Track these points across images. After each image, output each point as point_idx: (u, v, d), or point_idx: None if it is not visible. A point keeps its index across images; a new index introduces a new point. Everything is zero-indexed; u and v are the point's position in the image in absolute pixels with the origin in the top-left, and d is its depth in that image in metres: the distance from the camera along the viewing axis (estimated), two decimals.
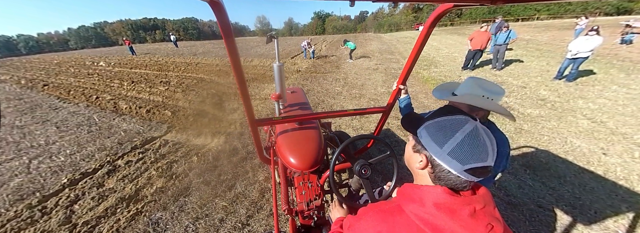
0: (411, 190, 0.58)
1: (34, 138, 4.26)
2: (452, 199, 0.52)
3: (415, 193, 0.57)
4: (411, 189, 0.58)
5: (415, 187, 0.58)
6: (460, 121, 0.55)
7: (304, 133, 1.63)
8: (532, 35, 13.71)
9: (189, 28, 75.75)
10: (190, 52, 17.19)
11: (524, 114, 4.06)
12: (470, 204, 0.52)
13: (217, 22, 0.73)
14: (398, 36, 23.28)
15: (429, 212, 0.52)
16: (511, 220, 2.04)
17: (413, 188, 0.58)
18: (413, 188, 0.58)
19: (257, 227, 2.11)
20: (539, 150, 3.00)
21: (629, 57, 7.15)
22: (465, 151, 0.52)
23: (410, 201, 0.56)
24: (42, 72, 11.95)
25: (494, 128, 1.24)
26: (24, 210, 2.46)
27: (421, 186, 0.57)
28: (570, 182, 2.44)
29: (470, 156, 0.52)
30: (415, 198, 0.55)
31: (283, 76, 1.84)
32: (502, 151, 1.25)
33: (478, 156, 0.52)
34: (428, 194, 0.54)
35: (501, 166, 1.31)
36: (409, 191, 0.59)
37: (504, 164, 1.31)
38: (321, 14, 74.53)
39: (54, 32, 79.30)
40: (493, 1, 0.65)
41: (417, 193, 0.56)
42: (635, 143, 3.01)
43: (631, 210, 2.07)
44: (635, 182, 2.39)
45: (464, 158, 0.52)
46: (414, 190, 0.58)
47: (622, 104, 4.14)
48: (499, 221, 0.53)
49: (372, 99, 5.25)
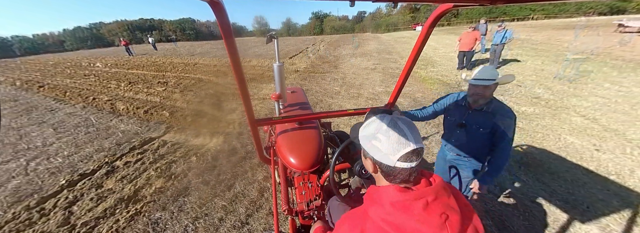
0: (373, 192, 0.62)
1: (30, 139, 4.24)
2: (404, 196, 0.55)
3: (375, 194, 0.61)
4: (373, 191, 0.63)
5: (374, 189, 0.63)
6: (381, 118, 0.62)
7: (304, 133, 1.63)
8: (528, 34, 13.86)
9: (186, 28, 75.33)
10: (186, 53, 17.12)
11: (519, 112, 4.11)
12: (422, 197, 0.55)
13: (217, 22, 0.73)
14: (396, 36, 23.38)
15: (388, 212, 0.55)
16: (505, 215, 2.08)
17: (373, 190, 0.62)
18: (373, 190, 0.62)
19: (256, 225, 2.13)
20: (533, 147, 3.05)
21: (622, 56, 7.27)
22: (391, 143, 0.57)
23: (372, 204, 0.59)
24: (38, 74, 11.84)
25: (497, 103, 1.44)
26: (22, 211, 2.45)
27: (379, 188, 0.61)
28: (564, 178, 2.49)
29: (396, 145, 0.57)
30: (376, 200, 0.59)
31: (283, 76, 1.84)
32: (507, 122, 1.38)
33: (402, 144, 0.57)
34: (384, 194, 0.58)
35: (506, 139, 1.40)
36: (371, 193, 0.63)
37: (508, 138, 1.40)
38: (319, 14, 74.50)
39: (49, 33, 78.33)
40: (493, 1, 0.66)
41: (376, 194, 0.60)
42: (626, 139, 3.07)
43: (622, 204, 2.12)
44: (626, 177, 2.44)
45: (392, 149, 0.57)
46: (374, 191, 0.62)
47: (615, 101, 4.22)
48: (454, 210, 0.56)
49: (370, 98, 5.28)
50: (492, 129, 1.41)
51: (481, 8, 9.95)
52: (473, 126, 1.47)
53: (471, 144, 1.53)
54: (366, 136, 0.63)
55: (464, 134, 1.52)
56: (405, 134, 0.57)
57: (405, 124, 0.60)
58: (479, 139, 1.48)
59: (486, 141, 1.47)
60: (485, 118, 1.42)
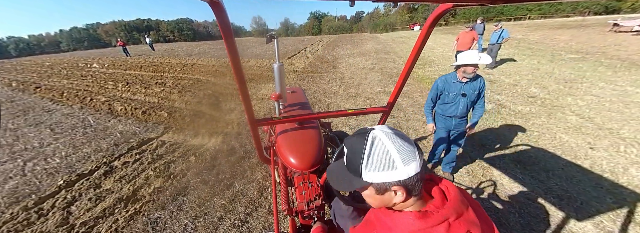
0: (386, 218, 0.57)
1: (27, 140, 4.21)
2: (424, 223, 0.51)
3: (389, 221, 0.55)
4: (386, 216, 0.57)
5: (388, 215, 0.56)
6: (374, 141, 0.53)
7: (304, 133, 1.62)
8: (523, 34, 13.97)
9: (183, 29, 74.99)
10: (184, 54, 17.05)
11: (515, 111, 4.16)
12: (444, 220, 0.51)
13: (217, 22, 0.73)
14: (394, 36, 23.46)
15: None
16: (502, 212, 2.11)
17: (387, 215, 0.56)
18: (387, 215, 0.56)
19: (255, 224, 2.14)
20: (529, 146, 3.09)
21: (617, 55, 7.36)
22: (406, 150, 0.52)
23: (387, 232, 0.55)
24: (34, 75, 11.74)
25: (478, 77, 2.11)
26: (20, 212, 2.45)
27: (393, 214, 0.55)
28: (558, 175, 2.52)
29: (409, 149, 0.52)
30: (391, 228, 0.54)
31: (283, 76, 1.83)
32: (483, 83, 2.13)
33: (410, 145, 0.53)
34: (401, 224, 0.53)
35: (483, 95, 2.16)
36: (384, 218, 0.57)
37: (482, 103, 2.20)
38: (317, 14, 74.56)
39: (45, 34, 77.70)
40: (493, 1, 0.64)
41: (391, 221, 0.55)
42: (620, 138, 3.12)
43: (615, 201, 2.16)
44: (619, 174, 2.49)
45: (409, 155, 0.52)
46: (388, 217, 0.56)
47: (609, 100, 4.27)
48: (476, 224, 0.53)
49: (368, 98, 5.31)
50: (479, 90, 2.13)
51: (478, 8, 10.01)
52: (470, 92, 2.12)
53: (469, 107, 2.20)
54: (380, 167, 0.52)
55: (466, 101, 2.15)
56: (402, 135, 0.54)
57: (389, 128, 0.55)
58: (473, 102, 2.18)
59: (475, 101, 2.19)
60: (474, 85, 2.12)
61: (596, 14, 28.29)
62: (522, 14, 33.66)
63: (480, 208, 0.61)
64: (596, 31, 12.46)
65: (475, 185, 2.46)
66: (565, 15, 30.15)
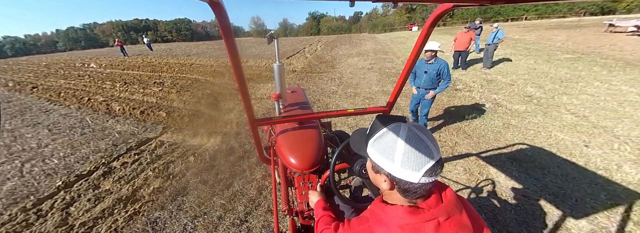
0: (379, 210, 0.58)
1: (25, 141, 4.19)
2: (414, 218, 0.52)
3: (382, 214, 0.57)
4: (379, 209, 0.59)
5: (381, 208, 0.58)
6: (395, 129, 0.55)
7: (304, 133, 1.61)
8: (520, 35, 14.06)
9: (182, 29, 74.69)
10: (182, 54, 17.00)
11: (512, 110, 4.20)
12: (434, 218, 0.51)
13: (217, 22, 0.74)
14: (392, 36, 23.51)
15: None
16: (498, 209, 2.14)
17: (380, 209, 0.58)
18: (380, 209, 0.58)
19: (255, 223, 2.16)
20: (525, 144, 3.13)
21: (612, 55, 7.45)
22: (414, 158, 0.51)
23: (378, 224, 0.56)
24: (31, 75, 11.65)
25: (438, 58, 3.03)
26: (19, 213, 2.44)
27: (385, 207, 0.57)
28: (554, 173, 2.56)
29: (419, 160, 0.51)
30: (383, 221, 0.56)
31: (283, 76, 1.83)
32: (443, 65, 2.97)
33: (426, 157, 0.51)
34: (391, 217, 0.54)
35: (448, 75, 3.00)
36: (376, 212, 0.59)
37: (447, 75, 3.00)
38: (316, 14, 74.63)
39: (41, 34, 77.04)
40: (493, 1, 0.64)
41: (383, 214, 0.57)
42: (615, 136, 3.17)
43: (609, 197, 2.20)
44: (613, 172, 2.53)
45: (415, 165, 0.51)
46: (380, 210, 0.58)
47: (604, 99, 4.33)
48: (467, 227, 0.54)
49: (367, 98, 5.33)
50: (438, 71, 2.98)
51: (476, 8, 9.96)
52: (430, 71, 3.02)
53: (429, 81, 3.08)
54: (380, 150, 0.55)
55: (428, 76, 3.06)
56: (427, 146, 0.52)
57: (424, 133, 0.54)
58: (434, 78, 3.04)
59: (435, 78, 3.04)
60: (434, 66, 3.00)
61: (592, 15, 28.53)
62: (519, 14, 33.88)
63: (476, 215, 0.62)
64: (592, 32, 12.58)
65: (472, 183, 2.49)
66: (561, 16, 30.41)
